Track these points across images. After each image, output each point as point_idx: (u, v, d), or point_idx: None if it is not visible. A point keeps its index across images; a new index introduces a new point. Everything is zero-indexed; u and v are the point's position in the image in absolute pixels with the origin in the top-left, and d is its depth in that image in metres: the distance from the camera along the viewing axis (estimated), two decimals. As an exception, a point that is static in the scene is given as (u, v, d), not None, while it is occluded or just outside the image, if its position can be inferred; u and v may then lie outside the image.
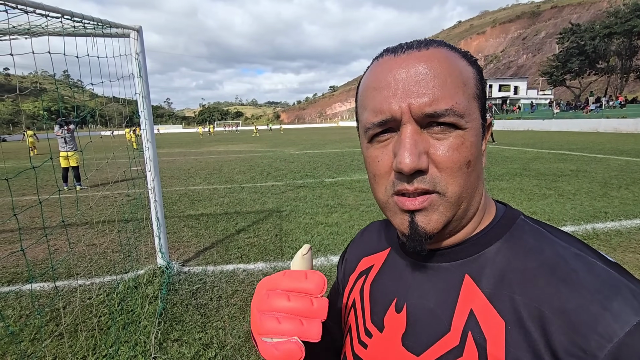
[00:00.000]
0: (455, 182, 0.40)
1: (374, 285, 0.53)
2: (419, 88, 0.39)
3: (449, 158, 0.39)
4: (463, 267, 0.44)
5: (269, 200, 6.55)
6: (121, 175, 8.91)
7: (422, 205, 0.40)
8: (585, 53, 41.83)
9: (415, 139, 0.39)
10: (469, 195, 0.42)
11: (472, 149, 0.41)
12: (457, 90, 0.40)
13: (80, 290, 3.20)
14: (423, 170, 0.39)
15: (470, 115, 0.41)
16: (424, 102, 0.38)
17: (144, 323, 2.65)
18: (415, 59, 0.40)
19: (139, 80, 3.02)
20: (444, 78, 0.39)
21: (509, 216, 0.46)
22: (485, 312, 0.40)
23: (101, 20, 2.27)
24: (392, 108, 0.40)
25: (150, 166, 3.25)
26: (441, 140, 0.40)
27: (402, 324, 0.46)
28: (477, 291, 0.41)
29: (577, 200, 5.74)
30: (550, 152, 12.96)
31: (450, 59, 0.41)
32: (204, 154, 17.42)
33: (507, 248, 0.42)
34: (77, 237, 4.71)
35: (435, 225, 0.41)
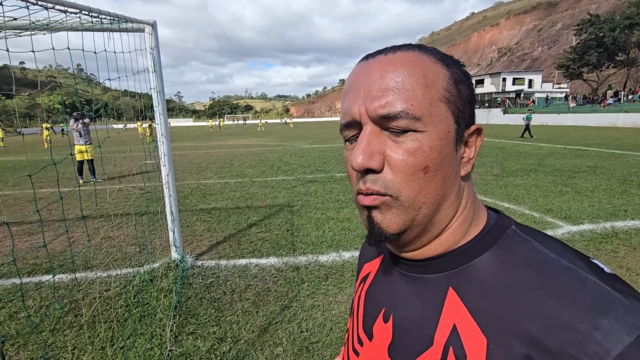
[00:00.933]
0: (408, 186, 0.40)
1: (368, 292, 0.54)
2: (375, 91, 0.40)
3: (402, 162, 0.39)
4: (448, 279, 0.43)
5: (280, 194, 6.56)
6: (136, 169, 9.04)
7: (373, 202, 0.41)
8: (604, 45, 40.53)
9: (371, 139, 0.40)
10: (431, 201, 0.41)
11: (432, 154, 0.39)
12: (416, 93, 0.39)
13: (98, 282, 3.27)
14: (376, 170, 0.40)
15: (432, 118, 0.39)
16: (378, 105, 0.39)
17: (160, 316, 2.69)
18: (378, 64, 0.41)
19: (153, 75, 3.03)
20: (402, 80, 0.39)
21: (500, 226, 0.44)
22: (468, 327, 0.38)
23: (117, 15, 2.28)
24: (353, 111, 0.41)
25: (164, 161, 3.28)
26: (397, 143, 0.40)
27: (389, 335, 0.46)
28: (461, 305, 0.40)
29: (595, 197, 5.60)
30: (566, 147, 12.67)
31: (414, 61, 0.41)
32: (215, 147, 17.54)
33: (494, 260, 0.41)
34: (93, 230, 4.80)
35: (389, 224, 0.41)
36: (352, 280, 3.19)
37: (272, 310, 2.79)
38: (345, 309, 2.77)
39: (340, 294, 2.98)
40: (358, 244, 4.01)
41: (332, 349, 2.33)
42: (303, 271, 3.41)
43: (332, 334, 2.47)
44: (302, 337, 2.45)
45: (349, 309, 2.73)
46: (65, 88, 36.70)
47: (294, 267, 3.51)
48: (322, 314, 2.71)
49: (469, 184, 0.46)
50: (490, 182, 6.91)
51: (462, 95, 0.42)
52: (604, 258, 3.46)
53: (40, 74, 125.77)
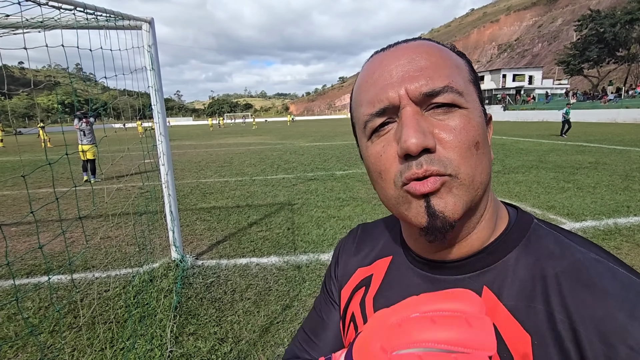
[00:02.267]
0: (466, 162, 0.37)
1: (378, 298, 0.50)
2: (412, 72, 0.39)
3: (456, 137, 0.37)
4: (480, 278, 0.41)
5: (280, 193, 6.53)
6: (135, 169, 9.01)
7: (434, 186, 0.37)
8: (605, 41, 40.35)
9: (418, 118, 0.38)
10: (484, 181, 0.39)
11: (479, 129, 0.39)
12: (452, 71, 0.39)
13: (97, 283, 3.24)
14: (431, 150, 0.37)
15: (470, 96, 0.40)
16: (420, 84, 0.38)
17: (160, 316, 2.66)
18: (405, 49, 0.41)
19: (151, 73, 2.99)
20: (436, 60, 0.39)
21: (523, 220, 0.44)
22: (509, 326, 0.37)
23: (113, 12, 2.24)
24: (390, 95, 0.39)
25: (163, 160, 3.24)
26: (446, 120, 0.38)
27: None
28: (498, 304, 0.39)
29: (597, 193, 5.56)
30: (567, 143, 12.62)
31: (439, 47, 0.42)
32: (214, 146, 17.50)
33: (526, 255, 0.40)
34: (92, 230, 4.78)
35: (454, 209, 0.37)
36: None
37: (274, 309, 2.77)
38: (347, 308, 2.74)
39: (342, 293, 2.96)
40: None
41: (334, 349, 2.31)
42: (304, 270, 3.38)
43: (334, 334, 2.44)
44: (304, 337, 2.42)
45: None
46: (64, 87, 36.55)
47: (295, 266, 3.48)
48: (323, 314, 2.68)
49: None
50: (492, 179, 6.86)
51: (479, 85, 0.43)
52: (607, 255, 3.43)
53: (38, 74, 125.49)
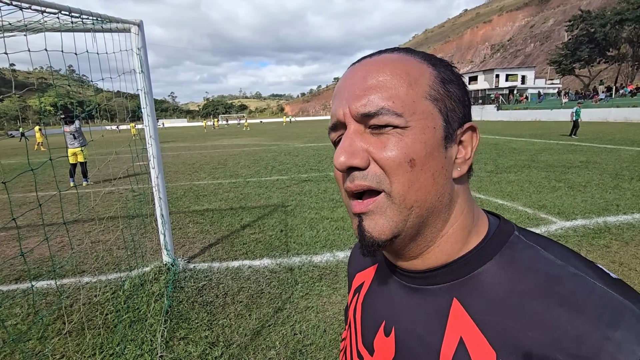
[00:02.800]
0: (397, 180, 0.38)
1: (364, 304, 0.52)
2: (358, 91, 0.40)
3: (386, 156, 0.39)
4: (451, 290, 0.41)
5: (274, 194, 6.52)
6: (126, 171, 8.93)
7: (367, 207, 0.40)
8: (596, 41, 40.86)
9: (353, 137, 0.40)
10: (422, 199, 0.39)
11: (415, 146, 0.38)
12: (398, 90, 0.39)
13: (86, 288, 3.21)
14: (360, 168, 0.39)
15: (416, 115, 0.39)
16: (360, 103, 0.39)
17: (150, 321, 2.64)
18: (362, 67, 0.42)
19: (140, 75, 2.97)
20: (383, 79, 0.40)
21: (502, 232, 0.43)
22: (475, 340, 0.37)
23: (100, 15, 2.22)
24: (338, 112, 0.42)
25: (153, 163, 3.22)
26: (379, 138, 0.39)
27: (391, 349, 0.44)
28: (466, 317, 0.38)
29: (587, 192, 5.63)
30: (558, 142, 12.75)
31: (398, 61, 0.41)
32: (208, 148, 17.42)
33: (499, 269, 0.39)
34: (83, 234, 4.73)
35: (381, 230, 0.39)
36: (347, 281, 3.16)
37: (266, 312, 2.76)
38: (339, 309, 2.74)
39: (335, 294, 2.96)
40: (352, 244, 3.98)
41: (326, 351, 2.31)
42: (297, 272, 3.37)
43: (326, 336, 2.44)
44: (296, 340, 2.42)
45: (343, 310, 2.71)
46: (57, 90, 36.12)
47: (288, 268, 3.47)
48: (315, 316, 2.68)
49: (465, 188, 0.44)
50: (484, 179, 6.92)
51: (451, 95, 0.41)
52: (597, 253, 3.47)
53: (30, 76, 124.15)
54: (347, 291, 0.65)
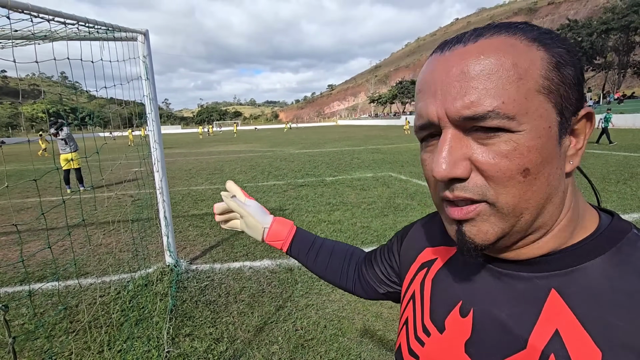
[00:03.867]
0: (506, 192, 0.35)
1: (436, 281, 0.50)
2: (456, 89, 0.35)
3: (495, 166, 0.34)
4: (550, 279, 0.38)
5: (271, 199, 6.62)
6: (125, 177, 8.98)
7: (467, 216, 0.37)
8: (583, 49, 41.91)
9: (453, 145, 0.36)
10: (534, 206, 0.36)
11: (530, 155, 0.34)
12: (508, 87, 0.34)
13: (92, 288, 3.28)
14: (462, 179, 0.36)
15: (529, 115, 0.34)
16: (461, 105, 0.35)
17: (156, 319, 2.72)
18: (458, 57, 0.36)
19: (146, 82, 3.09)
20: (488, 75, 0.34)
21: (617, 228, 0.39)
22: (576, 336, 0.34)
23: (112, 25, 2.35)
24: (430, 113, 0.37)
25: (158, 167, 3.32)
26: (487, 146, 0.35)
27: (467, 330, 0.43)
28: (566, 310, 0.36)
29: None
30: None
31: (501, 49, 0.35)
32: (204, 154, 17.48)
33: (613, 265, 0.36)
34: (85, 238, 4.78)
35: (486, 237, 0.37)
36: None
37: (267, 310, 2.86)
38: (338, 307, 2.85)
39: (334, 293, 3.06)
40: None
41: (327, 345, 2.41)
42: (296, 272, 3.48)
43: (327, 331, 2.55)
44: (297, 335, 2.52)
45: (343, 307, 2.82)
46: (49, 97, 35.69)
47: (288, 268, 3.58)
48: (316, 313, 2.79)
49: (572, 181, 0.40)
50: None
51: (566, 80, 0.36)
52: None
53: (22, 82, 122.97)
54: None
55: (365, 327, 2.57)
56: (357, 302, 2.89)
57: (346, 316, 2.72)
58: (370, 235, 4.39)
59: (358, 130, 40.97)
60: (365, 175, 8.72)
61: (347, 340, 2.45)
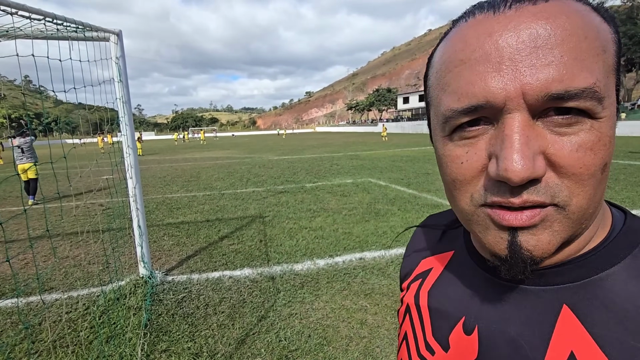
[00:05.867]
0: (583, 192, 0.29)
1: (434, 293, 0.45)
2: (539, 59, 0.27)
3: (579, 160, 0.28)
4: (561, 294, 0.33)
5: (251, 206, 6.49)
6: (95, 185, 8.56)
7: (530, 221, 0.29)
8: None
9: (528, 134, 0.28)
10: (595, 209, 0.31)
11: (610, 147, 0.29)
12: (597, 61, 0.28)
13: (57, 304, 3.05)
14: (537, 179, 0.28)
15: (609, 99, 0.29)
16: (549, 78, 0.27)
17: (129, 335, 2.56)
18: (530, 16, 0.28)
19: (119, 85, 2.94)
20: (578, 43, 0.27)
21: (633, 228, 0.34)
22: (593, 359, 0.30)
23: (83, 23, 2.21)
24: (491, 90, 0.28)
25: (131, 173, 3.16)
26: (568, 135, 0.28)
27: (474, 349, 0.37)
28: (581, 330, 0.31)
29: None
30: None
31: (582, 14, 0.28)
32: (179, 161, 17.00)
33: (629, 276, 0.31)
34: (49, 250, 4.47)
35: (547, 249, 0.30)
36: (328, 287, 3.21)
37: (249, 321, 2.75)
38: (322, 315, 2.78)
39: (317, 301, 3.00)
40: (332, 251, 4.05)
41: (312, 355, 2.34)
42: (278, 281, 3.39)
43: (311, 341, 2.47)
44: (281, 346, 2.43)
45: (327, 315, 2.76)
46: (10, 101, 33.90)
47: (269, 277, 3.48)
48: (299, 322, 2.71)
49: None
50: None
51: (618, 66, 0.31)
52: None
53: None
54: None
55: (351, 335, 2.52)
56: (341, 309, 2.84)
57: (331, 324, 2.66)
58: (352, 241, 4.36)
59: (336, 136, 41.27)
60: (345, 181, 8.73)
61: (332, 349, 2.39)
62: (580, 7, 0.29)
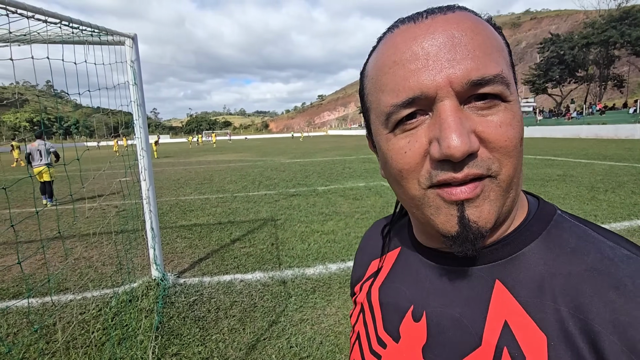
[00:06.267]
0: (510, 163, 0.34)
1: (384, 289, 0.48)
2: (457, 54, 0.32)
3: (503, 135, 0.33)
4: (493, 271, 0.38)
5: (263, 209, 6.48)
6: (109, 187, 8.72)
7: (474, 192, 0.33)
8: (565, 62, 43.30)
9: (460, 116, 0.32)
10: (518, 179, 0.36)
11: (522, 123, 0.35)
12: (500, 55, 0.34)
13: (71, 305, 3.08)
14: (473, 153, 0.33)
15: (513, 86, 0.35)
16: (468, 68, 0.32)
17: (140, 338, 2.55)
18: (443, 22, 0.34)
19: (134, 88, 2.97)
20: (483, 40, 0.33)
21: (545, 211, 0.40)
22: (523, 324, 0.34)
23: (99, 27, 2.23)
24: (423, 82, 0.33)
25: (144, 175, 3.18)
26: (490, 116, 0.33)
27: (422, 335, 0.41)
28: (512, 300, 0.36)
29: (567, 204, 5.85)
30: (536, 157, 13.26)
31: (481, 21, 0.35)
32: (193, 163, 17.22)
33: (546, 249, 0.37)
34: (65, 251, 4.55)
35: (488, 218, 0.34)
36: (341, 292, 3.15)
37: (260, 326, 2.71)
38: (334, 321, 2.72)
39: (329, 306, 2.94)
40: (344, 256, 3.99)
41: (323, 363, 2.28)
42: (290, 285, 3.34)
43: (323, 348, 2.42)
44: (292, 353, 2.38)
45: (339, 321, 2.70)
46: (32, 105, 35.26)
47: (281, 281, 3.44)
48: (311, 328, 2.65)
49: None
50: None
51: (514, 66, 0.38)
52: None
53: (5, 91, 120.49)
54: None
55: (363, 343, 2.45)
56: (354, 316, 2.77)
57: (343, 331, 2.59)
58: (365, 245, 4.28)
59: (348, 139, 41.17)
60: (357, 184, 8.65)
61: (344, 357, 2.32)
62: (478, 17, 0.36)
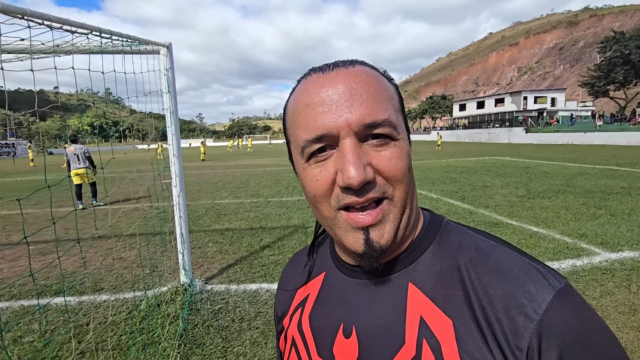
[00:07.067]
0: (401, 187, 0.41)
1: (314, 315, 0.51)
2: (354, 102, 0.39)
3: (393, 166, 0.40)
4: (406, 276, 0.44)
5: (295, 215, 6.43)
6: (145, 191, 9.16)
7: (377, 218, 0.40)
8: (631, 62, 39.37)
9: (358, 152, 0.39)
10: (411, 200, 0.43)
11: (408, 157, 0.43)
12: (388, 103, 0.41)
13: (104, 306, 3.18)
14: (372, 182, 0.39)
15: (400, 127, 0.42)
16: (362, 113, 0.39)
17: (164, 345, 2.55)
18: (344, 75, 0.41)
19: (167, 95, 3.02)
20: (375, 91, 0.41)
21: (436, 220, 0.49)
22: (433, 315, 0.40)
23: (130, 36, 2.28)
24: (328, 124, 0.39)
25: (176, 181, 3.22)
26: (382, 151, 0.40)
27: (354, 349, 0.44)
28: (422, 297, 0.42)
29: (633, 221, 5.18)
30: (595, 167, 12.06)
31: (375, 75, 0.43)
32: (231, 167, 17.74)
33: (440, 249, 0.45)
34: (105, 250, 4.78)
35: (388, 237, 0.41)
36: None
37: (282, 342, 2.60)
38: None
39: (356, 325, 2.77)
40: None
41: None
42: (316, 298, 3.21)
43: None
44: (313, 375, 2.24)
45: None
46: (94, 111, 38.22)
47: (307, 293, 3.32)
48: (335, 348, 2.50)
49: None
50: (516, 204, 6.54)
51: (404, 110, 0.46)
52: (651, 291, 3.10)
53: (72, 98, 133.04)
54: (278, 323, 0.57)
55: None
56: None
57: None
58: (398, 259, 4.06)
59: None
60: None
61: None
62: (374, 71, 0.44)
